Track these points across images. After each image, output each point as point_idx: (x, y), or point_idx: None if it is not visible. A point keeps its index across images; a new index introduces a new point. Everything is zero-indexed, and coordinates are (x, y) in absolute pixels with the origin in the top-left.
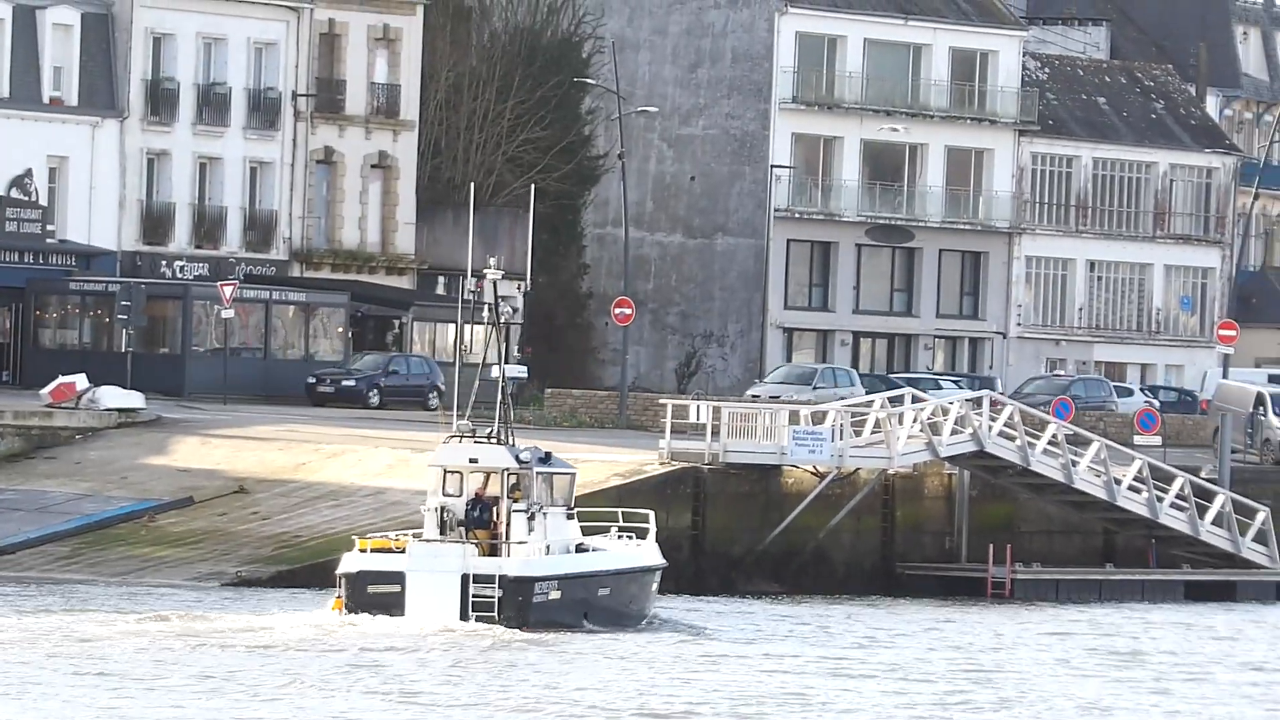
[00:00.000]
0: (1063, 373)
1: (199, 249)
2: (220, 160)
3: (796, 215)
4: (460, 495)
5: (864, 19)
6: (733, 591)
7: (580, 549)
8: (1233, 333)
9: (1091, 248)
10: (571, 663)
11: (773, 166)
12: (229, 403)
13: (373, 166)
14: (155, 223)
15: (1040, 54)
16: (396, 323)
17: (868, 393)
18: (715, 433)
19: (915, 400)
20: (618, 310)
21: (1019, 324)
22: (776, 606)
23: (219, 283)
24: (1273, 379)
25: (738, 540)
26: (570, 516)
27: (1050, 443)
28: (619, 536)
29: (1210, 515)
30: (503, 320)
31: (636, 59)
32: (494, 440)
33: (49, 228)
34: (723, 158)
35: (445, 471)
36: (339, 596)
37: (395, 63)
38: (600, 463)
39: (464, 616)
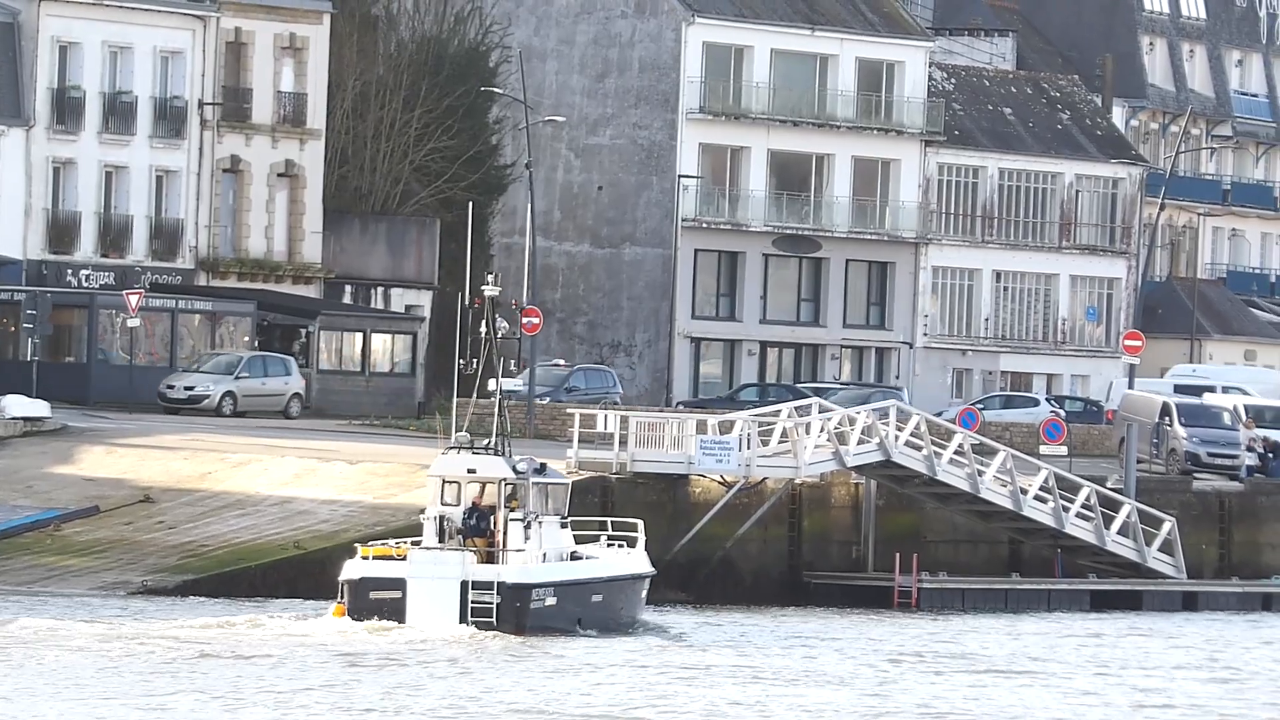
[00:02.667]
0: (562, 361)
1: (105, 258)
2: (126, 169)
3: (704, 225)
4: (458, 504)
5: (770, 29)
6: None
7: (574, 557)
8: (1138, 343)
9: (997, 258)
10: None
11: (680, 176)
12: (133, 411)
13: (279, 175)
14: (61, 231)
15: (946, 64)
16: (303, 332)
17: (776, 403)
18: (623, 442)
19: (822, 410)
20: (525, 320)
21: (926, 334)
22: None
23: (125, 291)
24: (1178, 389)
25: (645, 549)
26: (564, 525)
27: (956, 452)
28: (608, 544)
29: (1116, 525)
30: (499, 336)
31: (544, 68)
32: (491, 451)
33: None
34: (630, 167)
35: (444, 481)
36: (340, 602)
37: (302, 71)
38: None
39: (463, 622)
